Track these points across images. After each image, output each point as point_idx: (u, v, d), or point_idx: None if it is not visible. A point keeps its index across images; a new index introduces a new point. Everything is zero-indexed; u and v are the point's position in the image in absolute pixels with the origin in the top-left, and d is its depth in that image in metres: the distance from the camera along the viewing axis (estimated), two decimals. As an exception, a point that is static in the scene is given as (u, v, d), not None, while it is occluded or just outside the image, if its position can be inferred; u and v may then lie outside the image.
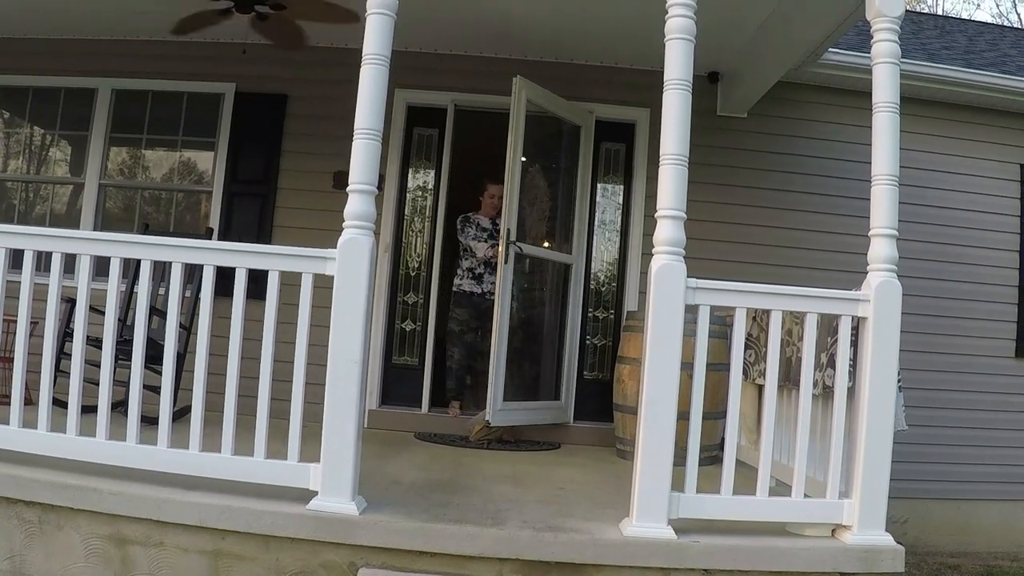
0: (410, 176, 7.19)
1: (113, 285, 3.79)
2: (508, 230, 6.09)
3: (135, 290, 5.72)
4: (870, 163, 3.82)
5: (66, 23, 7.01)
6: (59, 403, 3.86)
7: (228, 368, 3.69)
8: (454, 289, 6.84)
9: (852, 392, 3.72)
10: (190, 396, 3.77)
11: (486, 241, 6.75)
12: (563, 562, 3.47)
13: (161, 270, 5.60)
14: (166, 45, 7.03)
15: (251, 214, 7.05)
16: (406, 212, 7.15)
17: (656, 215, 3.64)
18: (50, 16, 6.85)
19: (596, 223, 7.19)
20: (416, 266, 7.14)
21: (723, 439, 3.84)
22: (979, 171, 7.41)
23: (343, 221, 3.64)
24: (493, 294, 6.31)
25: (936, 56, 7.87)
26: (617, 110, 7.08)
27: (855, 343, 3.74)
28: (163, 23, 5.74)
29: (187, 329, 5.58)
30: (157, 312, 5.23)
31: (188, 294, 5.61)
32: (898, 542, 3.62)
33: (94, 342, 3.99)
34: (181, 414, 4.14)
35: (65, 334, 5.02)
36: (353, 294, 3.59)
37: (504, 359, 6.13)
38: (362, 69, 3.68)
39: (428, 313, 7.07)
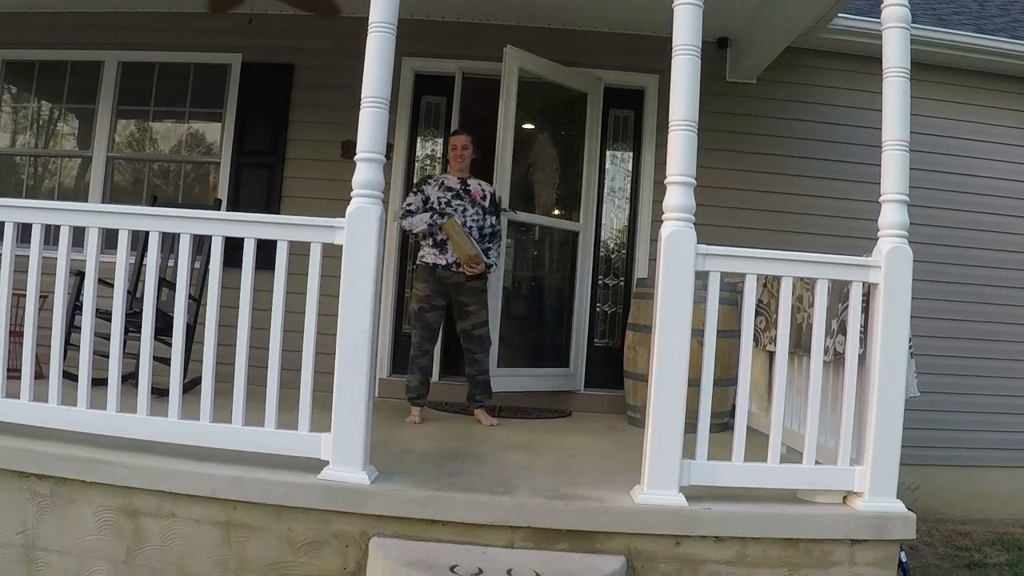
0: (419, 145, 7.15)
1: (122, 258, 3.79)
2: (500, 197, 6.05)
3: (144, 262, 5.71)
4: (880, 128, 3.78)
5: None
6: (69, 376, 3.88)
7: (238, 339, 3.69)
8: (417, 263, 5.86)
9: (863, 359, 3.70)
10: (200, 368, 3.79)
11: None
12: (574, 530, 3.49)
13: (170, 242, 5.62)
14: (172, 16, 7.00)
15: (259, 185, 7.03)
16: (415, 181, 7.12)
17: (665, 181, 3.62)
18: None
19: (605, 190, 7.15)
20: (425, 235, 7.10)
21: (734, 406, 3.83)
22: (1000, 138, 7.33)
23: (351, 190, 3.63)
24: (459, 265, 5.55)
25: (947, 21, 7.76)
26: (626, 76, 7.01)
27: (866, 309, 3.71)
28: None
29: (196, 300, 5.60)
30: (166, 284, 5.23)
31: (197, 265, 5.63)
32: (909, 509, 3.62)
33: (104, 315, 4.00)
34: (191, 386, 4.15)
35: (74, 307, 5.02)
36: (362, 263, 3.58)
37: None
38: (368, 37, 3.64)
39: (437, 282, 7.05)
